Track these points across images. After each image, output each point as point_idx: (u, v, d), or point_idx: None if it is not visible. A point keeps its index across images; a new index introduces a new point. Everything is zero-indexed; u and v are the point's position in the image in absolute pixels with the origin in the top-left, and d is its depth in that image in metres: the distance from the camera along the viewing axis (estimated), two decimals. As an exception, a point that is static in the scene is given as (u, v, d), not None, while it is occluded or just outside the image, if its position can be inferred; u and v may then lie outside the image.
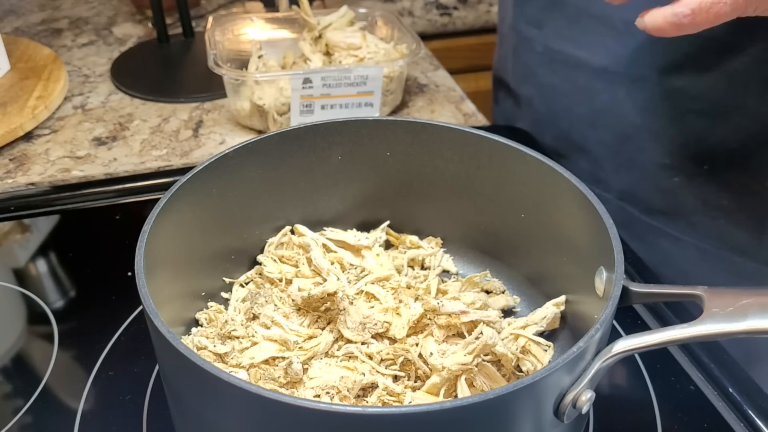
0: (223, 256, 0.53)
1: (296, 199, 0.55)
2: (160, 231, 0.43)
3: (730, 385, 0.50)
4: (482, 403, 0.32)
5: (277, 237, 0.56)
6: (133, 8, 1.11)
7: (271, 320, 0.48)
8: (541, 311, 0.50)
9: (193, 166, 0.50)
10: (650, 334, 0.36)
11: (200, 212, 0.48)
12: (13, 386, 0.52)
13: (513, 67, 0.83)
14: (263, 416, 0.34)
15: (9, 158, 0.76)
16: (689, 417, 0.49)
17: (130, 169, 0.75)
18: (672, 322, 0.56)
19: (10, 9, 1.11)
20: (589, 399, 0.35)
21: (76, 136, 0.80)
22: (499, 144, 0.50)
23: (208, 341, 0.47)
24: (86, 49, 0.99)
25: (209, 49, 0.76)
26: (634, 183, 0.72)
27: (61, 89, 0.84)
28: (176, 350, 0.34)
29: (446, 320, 0.48)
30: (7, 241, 0.67)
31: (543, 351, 0.48)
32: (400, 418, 0.32)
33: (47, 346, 0.54)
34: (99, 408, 0.49)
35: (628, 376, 0.52)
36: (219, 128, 0.81)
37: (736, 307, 0.36)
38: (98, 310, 0.57)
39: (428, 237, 0.58)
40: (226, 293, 0.53)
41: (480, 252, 0.56)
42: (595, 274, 0.43)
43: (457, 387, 0.44)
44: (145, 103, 0.86)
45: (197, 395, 0.37)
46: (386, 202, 0.57)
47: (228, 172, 0.50)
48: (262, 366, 0.46)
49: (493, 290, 0.54)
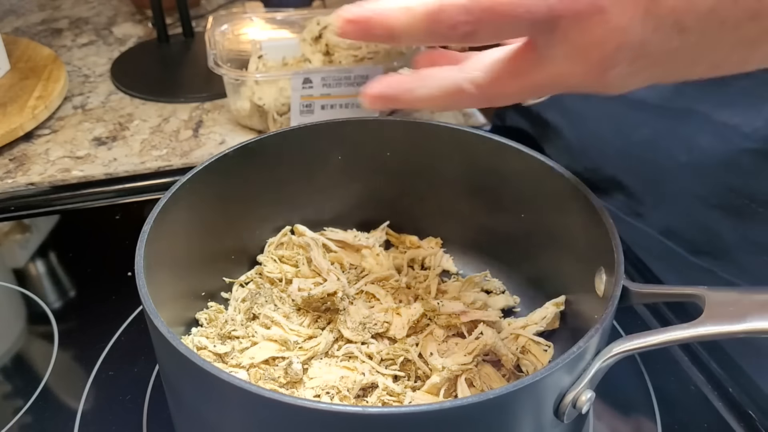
0: (223, 256, 0.53)
1: (296, 199, 0.55)
2: (160, 231, 0.43)
3: (730, 385, 0.50)
4: (482, 403, 0.32)
5: (277, 237, 0.56)
6: (133, 8, 1.11)
7: (271, 320, 0.48)
8: (540, 311, 0.50)
9: (193, 166, 0.50)
10: (650, 334, 0.36)
11: (200, 212, 0.48)
12: (13, 386, 0.52)
13: None
14: (263, 416, 0.34)
15: (9, 158, 0.76)
16: (689, 417, 0.49)
17: (130, 169, 0.74)
18: (672, 322, 0.56)
19: (10, 9, 1.11)
20: (589, 399, 0.35)
21: (76, 136, 0.80)
22: (499, 144, 0.50)
23: (208, 341, 0.47)
24: (86, 49, 0.99)
25: (209, 49, 0.76)
26: (676, 220, 0.66)
27: (61, 89, 0.84)
28: (176, 350, 0.34)
29: (446, 320, 0.48)
30: (7, 241, 0.67)
31: (543, 351, 0.48)
32: (400, 418, 0.32)
33: (47, 346, 0.54)
34: (99, 408, 0.49)
35: (628, 376, 0.52)
36: (219, 128, 0.81)
37: (737, 307, 0.36)
38: (98, 310, 0.57)
39: (428, 237, 0.58)
40: (226, 293, 0.53)
41: (480, 252, 0.56)
42: (595, 274, 0.43)
43: (457, 387, 0.44)
44: (145, 103, 0.86)
45: (197, 395, 0.37)
46: (386, 202, 0.57)
47: (228, 172, 0.50)
48: (262, 366, 0.46)
49: (493, 290, 0.54)
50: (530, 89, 0.35)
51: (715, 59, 0.32)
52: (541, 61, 0.33)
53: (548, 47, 0.32)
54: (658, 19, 0.30)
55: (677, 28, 0.30)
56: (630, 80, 0.33)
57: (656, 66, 0.32)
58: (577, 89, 0.34)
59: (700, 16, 0.30)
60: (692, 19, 0.30)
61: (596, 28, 0.30)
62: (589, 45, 0.31)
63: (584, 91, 0.34)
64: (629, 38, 0.30)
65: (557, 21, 0.30)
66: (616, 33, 0.30)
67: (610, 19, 0.30)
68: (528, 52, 0.33)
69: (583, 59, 0.31)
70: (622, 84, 0.33)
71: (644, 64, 0.32)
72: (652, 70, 0.32)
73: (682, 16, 0.30)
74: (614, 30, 0.30)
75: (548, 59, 0.32)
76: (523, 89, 0.35)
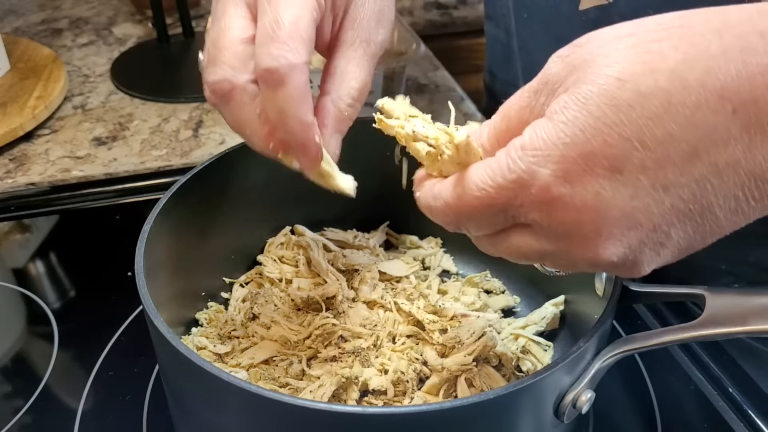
0: (223, 256, 0.53)
1: (296, 199, 0.55)
2: (160, 231, 0.43)
3: (730, 385, 0.50)
4: (482, 403, 0.32)
5: (277, 237, 0.56)
6: (133, 8, 1.11)
7: (271, 320, 0.48)
8: (540, 311, 0.50)
9: (193, 166, 0.50)
10: (650, 334, 0.36)
11: (200, 212, 0.48)
12: (13, 386, 0.51)
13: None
14: (263, 416, 0.34)
15: (9, 158, 0.76)
16: (689, 417, 0.49)
17: (130, 169, 0.74)
18: (672, 322, 0.56)
19: (10, 9, 1.11)
20: (589, 399, 0.35)
21: (76, 136, 0.80)
22: (499, 144, 0.50)
23: (208, 341, 0.47)
24: (86, 49, 0.99)
25: (209, 49, 0.76)
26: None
27: (61, 89, 0.84)
28: (176, 350, 0.34)
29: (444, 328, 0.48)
30: (7, 241, 0.67)
31: (543, 351, 0.48)
32: (400, 418, 0.32)
33: (47, 346, 0.54)
34: (99, 408, 0.49)
35: (628, 376, 0.52)
36: (219, 128, 0.81)
37: (737, 308, 0.36)
38: (98, 310, 0.57)
39: (428, 237, 0.58)
40: (226, 293, 0.53)
41: (480, 252, 0.56)
42: (595, 274, 0.43)
43: (457, 387, 0.44)
44: (145, 103, 0.86)
45: (197, 395, 0.37)
46: (386, 202, 0.57)
47: (228, 172, 0.50)
48: (262, 366, 0.46)
49: (493, 290, 0.54)
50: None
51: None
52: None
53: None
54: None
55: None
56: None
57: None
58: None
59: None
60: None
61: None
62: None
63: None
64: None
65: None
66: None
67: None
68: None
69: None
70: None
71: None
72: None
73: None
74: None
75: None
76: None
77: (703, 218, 0.28)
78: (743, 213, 0.28)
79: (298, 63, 0.34)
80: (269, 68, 0.33)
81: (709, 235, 0.29)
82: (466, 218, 0.32)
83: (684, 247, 0.29)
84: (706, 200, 0.27)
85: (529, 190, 0.28)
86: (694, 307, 0.38)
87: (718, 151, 0.26)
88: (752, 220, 0.29)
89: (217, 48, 0.36)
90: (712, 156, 0.26)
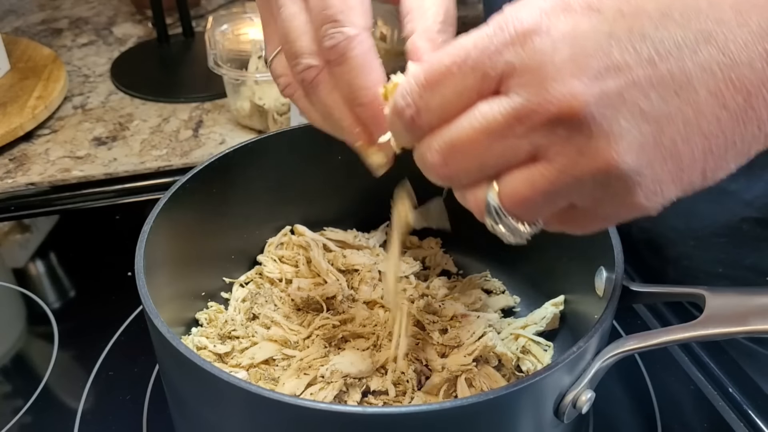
0: (223, 256, 0.53)
1: (296, 199, 0.55)
2: (160, 231, 0.43)
3: (730, 385, 0.50)
4: (482, 403, 0.32)
5: (277, 237, 0.56)
6: (133, 8, 1.11)
7: (271, 320, 0.48)
8: (540, 311, 0.50)
9: (193, 166, 0.50)
10: (650, 334, 0.36)
11: (200, 212, 0.48)
12: (13, 386, 0.51)
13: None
14: (263, 416, 0.34)
15: (9, 158, 0.76)
16: (689, 417, 0.49)
17: (130, 169, 0.74)
18: (672, 322, 0.56)
19: (10, 9, 1.11)
20: (589, 399, 0.35)
21: (76, 136, 0.80)
22: (499, 144, 0.50)
23: (208, 341, 0.47)
24: (86, 49, 0.99)
25: (209, 49, 0.76)
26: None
27: (61, 89, 0.84)
28: (176, 350, 0.34)
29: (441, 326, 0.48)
30: (7, 241, 0.67)
31: (543, 351, 0.48)
32: (400, 418, 0.32)
33: (47, 346, 0.54)
34: (99, 408, 0.49)
35: (628, 376, 0.52)
36: (219, 128, 0.81)
37: (736, 307, 0.36)
38: (98, 310, 0.57)
39: (428, 237, 0.58)
40: (226, 293, 0.53)
41: (480, 252, 0.56)
42: (595, 274, 0.43)
43: (457, 387, 0.44)
44: (145, 103, 0.86)
45: (197, 395, 0.37)
46: (386, 202, 0.57)
47: (228, 172, 0.50)
48: (262, 366, 0.46)
49: (493, 290, 0.54)
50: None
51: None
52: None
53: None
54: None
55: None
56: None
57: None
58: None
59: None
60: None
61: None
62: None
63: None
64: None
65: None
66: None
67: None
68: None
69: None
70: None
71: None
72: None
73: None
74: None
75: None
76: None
77: (681, 93, 0.27)
78: (726, 106, 0.27)
79: (355, 34, 0.34)
80: (328, 47, 0.34)
81: (696, 133, 0.27)
82: (439, 93, 0.29)
83: (674, 153, 0.27)
84: (682, 64, 0.26)
85: (506, 31, 0.27)
86: (694, 307, 0.38)
87: (689, 15, 0.26)
88: (741, 122, 0.27)
89: (289, 42, 0.36)
90: (684, 18, 0.26)
